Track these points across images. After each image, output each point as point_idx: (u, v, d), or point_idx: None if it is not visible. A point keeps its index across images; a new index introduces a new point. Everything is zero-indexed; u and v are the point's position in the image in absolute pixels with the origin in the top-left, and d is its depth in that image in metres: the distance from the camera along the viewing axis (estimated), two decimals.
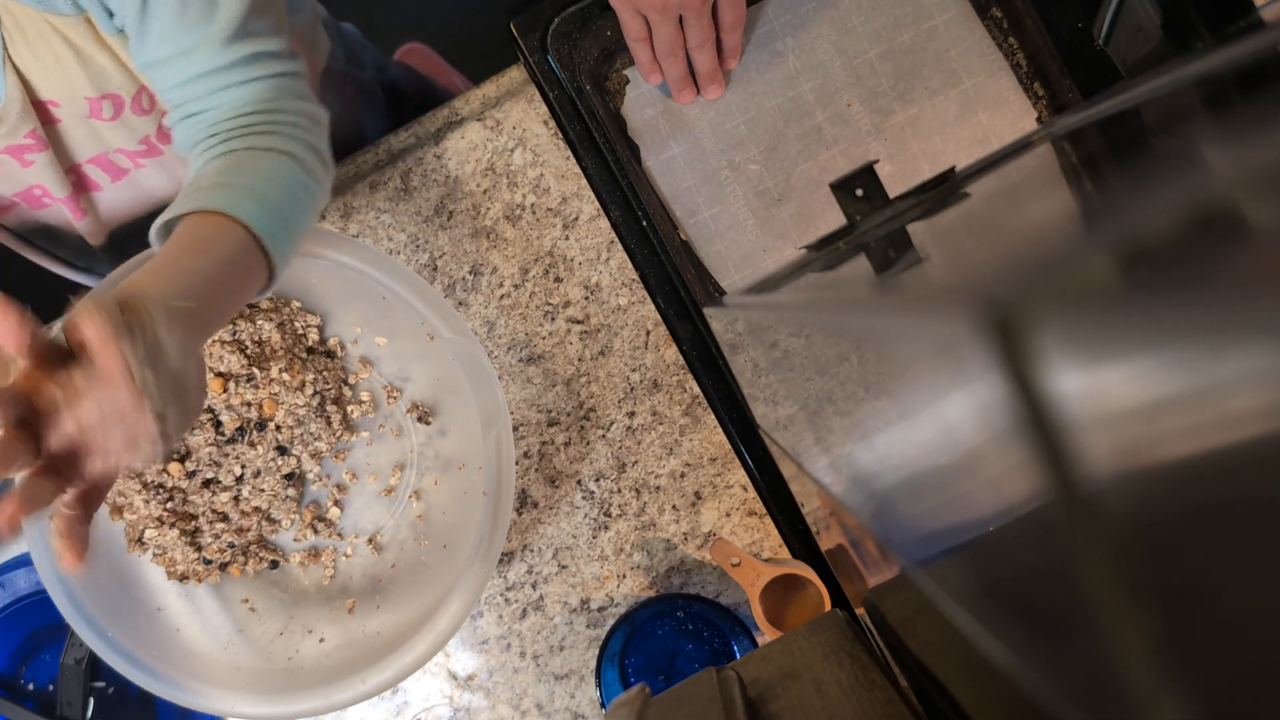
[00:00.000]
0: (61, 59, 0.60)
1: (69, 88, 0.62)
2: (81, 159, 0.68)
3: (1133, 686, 0.13)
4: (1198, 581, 0.13)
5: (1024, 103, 0.74)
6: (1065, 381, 0.13)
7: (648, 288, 0.77)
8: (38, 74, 0.60)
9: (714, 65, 0.72)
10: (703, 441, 0.77)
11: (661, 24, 0.68)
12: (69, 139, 0.66)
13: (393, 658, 0.66)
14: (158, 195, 0.76)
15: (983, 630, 0.19)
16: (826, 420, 0.34)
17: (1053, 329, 0.12)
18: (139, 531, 0.68)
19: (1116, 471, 0.13)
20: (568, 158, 0.77)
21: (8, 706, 0.77)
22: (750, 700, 0.40)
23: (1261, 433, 0.12)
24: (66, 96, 0.62)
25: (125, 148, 0.69)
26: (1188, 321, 0.11)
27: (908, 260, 0.39)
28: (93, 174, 0.70)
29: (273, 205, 0.53)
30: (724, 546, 0.71)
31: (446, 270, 0.78)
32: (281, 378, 0.68)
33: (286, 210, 0.54)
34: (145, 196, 0.76)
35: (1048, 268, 0.12)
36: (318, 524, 0.74)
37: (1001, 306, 0.12)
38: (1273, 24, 0.48)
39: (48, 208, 0.73)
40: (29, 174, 0.67)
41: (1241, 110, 0.31)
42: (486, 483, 0.65)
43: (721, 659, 0.74)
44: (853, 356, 0.26)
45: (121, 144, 0.68)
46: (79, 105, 0.63)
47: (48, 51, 0.59)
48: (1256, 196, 0.12)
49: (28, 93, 0.61)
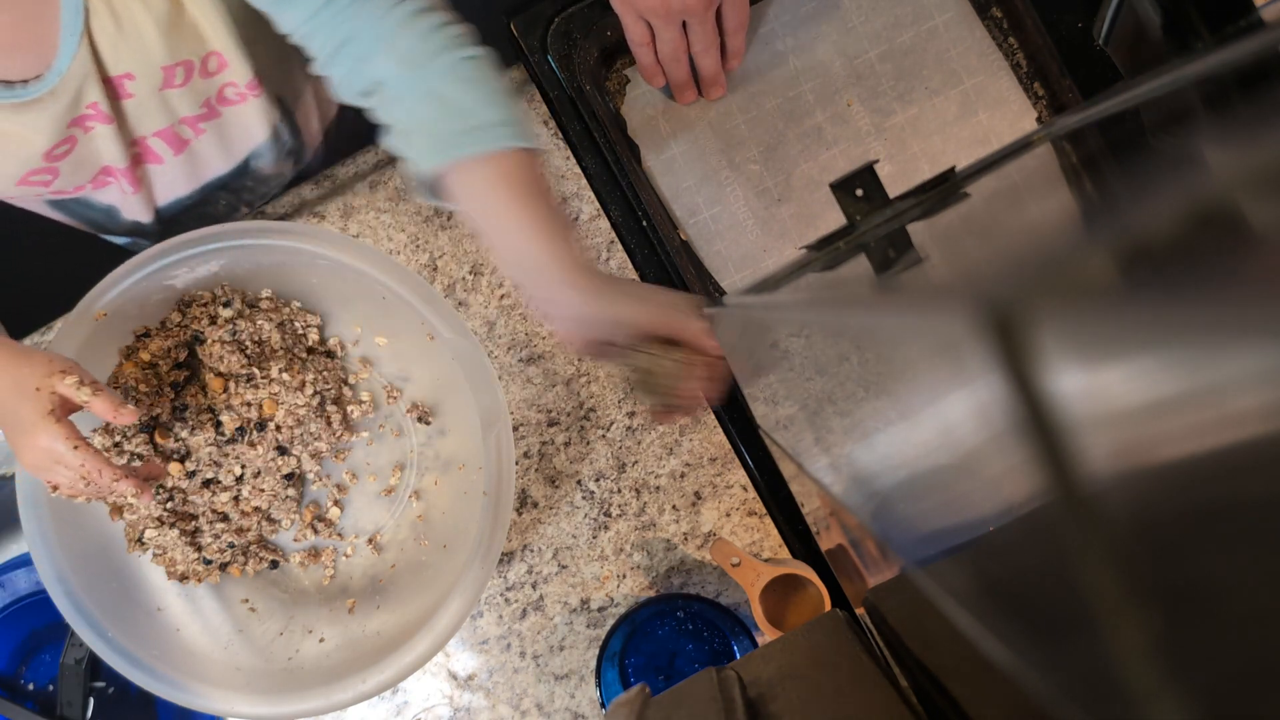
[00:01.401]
0: (142, 29, 0.60)
1: (145, 57, 0.62)
2: (148, 132, 0.69)
3: (1133, 686, 0.13)
4: (1198, 581, 0.13)
5: (1024, 103, 0.74)
6: (1065, 381, 0.13)
7: None
8: (117, 46, 0.61)
9: (718, 68, 0.72)
10: (703, 441, 0.77)
11: (665, 29, 0.68)
12: (139, 112, 0.67)
13: (393, 658, 0.65)
14: (209, 172, 0.77)
15: (983, 630, 0.19)
16: (826, 420, 0.34)
17: (1053, 329, 0.12)
18: (139, 531, 0.68)
19: (1116, 471, 0.13)
20: (568, 158, 0.77)
21: (8, 706, 0.77)
22: (750, 700, 0.40)
23: (1261, 433, 0.12)
24: (142, 68, 0.63)
25: (190, 115, 0.70)
26: (1188, 321, 0.11)
27: (908, 260, 0.39)
28: (156, 146, 0.71)
29: (518, 113, 0.55)
30: (724, 546, 0.71)
31: (446, 270, 0.78)
32: (281, 378, 0.68)
33: (516, 104, 0.56)
34: (197, 173, 0.77)
35: (1048, 267, 0.12)
36: (318, 524, 0.74)
37: (1001, 306, 0.12)
38: (1273, 24, 0.48)
39: (107, 186, 0.73)
40: (97, 152, 0.68)
41: (1241, 110, 0.31)
42: (486, 483, 0.65)
43: (721, 659, 0.74)
44: (853, 356, 0.26)
45: (187, 111, 0.69)
46: (154, 77, 0.64)
47: (130, 22, 0.60)
48: (1256, 196, 0.12)
49: (99, 68, 0.61)
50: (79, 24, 0.58)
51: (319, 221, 0.79)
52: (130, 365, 0.66)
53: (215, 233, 0.65)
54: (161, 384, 0.67)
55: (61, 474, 0.57)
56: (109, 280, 0.65)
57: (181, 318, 0.69)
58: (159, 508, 0.68)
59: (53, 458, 0.56)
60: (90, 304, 0.65)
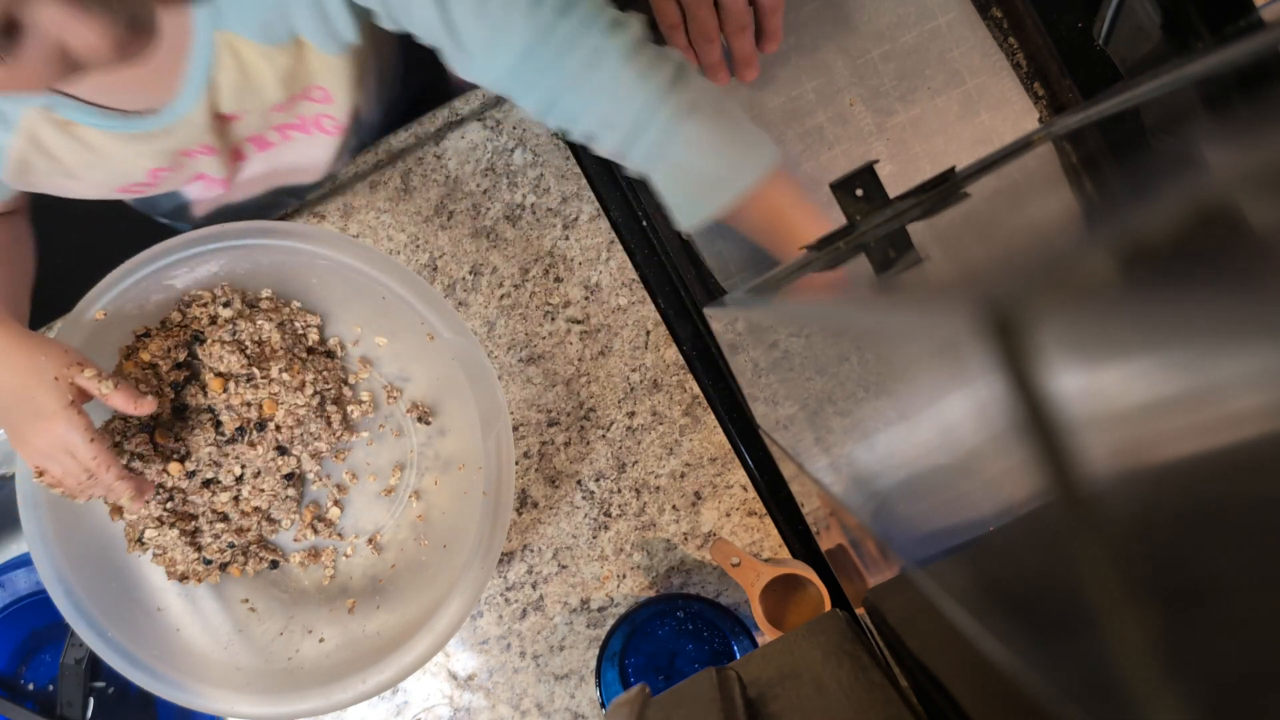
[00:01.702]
0: (264, 79, 0.61)
1: (259, 100, 0.63)
2: (241, 138, 0.70)
3: (1132, 686, 0.13)
4: (1198, 581, 0.13)
5: (1026, 103, 0.74)
6: (1065, 381, 0.13)
7: (648, 288, 0.77)
8: (236, 92, 0.61)
9: (752, 48, 0.70)
10: (703, 441, 0.77)
11: (698, 9, 0.67)
12: (242, 130, 0.67)
13: (393, 658, 0.65)
14: (284, 166, 0.77)
15: (983, 630, 0.19)
16: (826, 420, 0.34)
17: (1053, 328, 0.12)
18: (139, 531, 0.68)
19: (1116, 471, 0.13)
20: (568, 157, 0.77)
21: (8, 706, 0.77)
22: (750, 700, 0.40)
23: (1261, 433, 0.12)
24: (255, 107, 0.64)
25: (285, 123, 0.70)
26: (1188, 321, 0.11)
27: (908, 260, 0.39)
28: (247, 150, 0.72)
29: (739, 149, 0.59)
30: (724, 546, 0.71)
31: (446, 270, 0.78)
32: (281, 378, 0.68)
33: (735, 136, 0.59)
34: (272, 171, 0.76)
35: (1048, 267, 0.12)
36: (318, 524, 0.74)
37: (1002, 306, 0.12)
38: (1273, 24, 0.48)
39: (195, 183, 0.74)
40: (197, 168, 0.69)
41: (1241, 110, 0.31)
42: (486, 483, 0.65)
43: (721, 659, 0.74)
44: (853, 356, 0.26)
45: (282, 120, 0.69)
46: (264, 113, 0.65)
47: (254, 73, 0.60)
48: (1256, 196, 0.12)
49: (214, 109, 0.62)
50: (205, 75, 0.59)
51: (319, 221, 0.79)
52: (130, 365, 0.66)
53: (215, 233, 0.65)
54: (161, 384, 0.67)
55: (66, 463, 0.58)
56: (109, 280, 0.65)
57: (181, 318, 0.69)
58: (159, 508, 0.68)
59: (66, 447, 0.57)
60: (90, 304, 0.65)
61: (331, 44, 0.60)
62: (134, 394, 0.59)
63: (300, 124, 0.71)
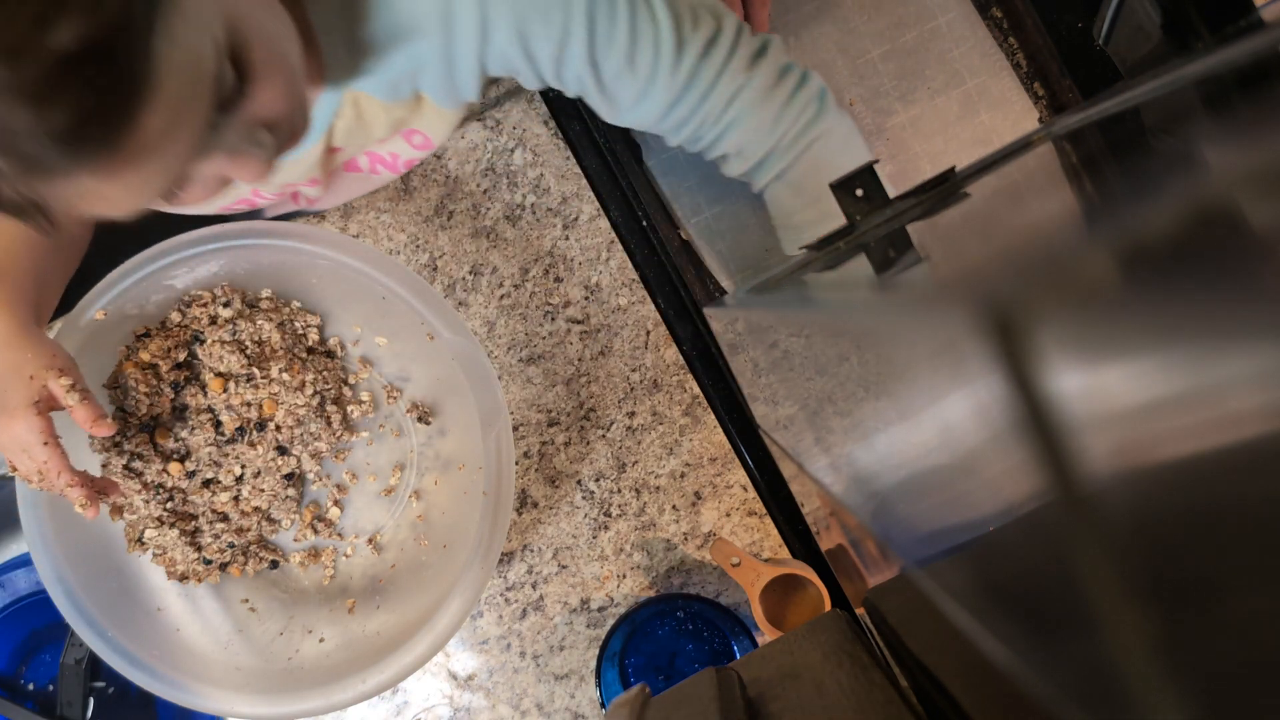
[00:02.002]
0: (377, 124, 0.62)
1: (366, 137, 0.64)
2: (338, 164, 0.70)
3: (1132, 686, 0.13)
4: (1198, 581, 0.13)
5: (1026, 103, 0.74)
6: (1065, 381, 0.13)
7: (648, 288, 0.77)
8: (349, 133, 0.62)
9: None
10: (703, 441, 0.77)
11: None
12: (338, 157, 0.68)
13: (393, 658, 0.65)
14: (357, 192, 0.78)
15: (983, 630, 0.19)
16: (826, 420, 0.34)
17: (1053, 328, 0.12)
18: (139, 531, 0.68)
19: (1116, 471, 0.13)
20: (568, 158, 0.77)
21: (8, 706, 0.77)
22: (750, 700, 0.40)
23: (1261, 433, 0.12)
24: (359, 143, 0.65)
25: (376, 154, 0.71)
26: (1188, 321, 0.11)
27: (908, 260, 0.39)
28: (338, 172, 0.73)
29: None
30: (724, 546, 0.71)
31: (446, 270, 0.78)
32: (281, 378, 0.68)
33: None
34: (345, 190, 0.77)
35: (1048, 267, 0.12)
36: (318, 524, 0.74)
37: (1002, 306, 0.12)
38: (1273, 24, 0.48)
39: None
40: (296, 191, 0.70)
41: (1241, 110, 0.31)
42: (486, 483, 0.65)
43: (721, 659, 0.74)
44: (853, 356, 0.26)
45: (374, 149, 0.70)
46: (362, 146, 0.66)
47: (370, 119, 0.61)
48: (1256, 196, 0.12)
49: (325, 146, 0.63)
50: (328, 121, 0.60)
51: (319, 221, 0.79)
52: (130, 365, 0.66)
53: (215, 233, 0.65)
54: (161, 384, 0.67)
55: (23, 461, 0.58)
56: (109, 280, 0.65)
57: (181, 318, 0.69)
58: (159, 507, 0.68)
59: (21, 445, 0.57)
60: (90, 304, 0.65)
61: (449, 101, 0.61)
62: (97, 413, 0.58)
63: (391, 162, 0.72)
